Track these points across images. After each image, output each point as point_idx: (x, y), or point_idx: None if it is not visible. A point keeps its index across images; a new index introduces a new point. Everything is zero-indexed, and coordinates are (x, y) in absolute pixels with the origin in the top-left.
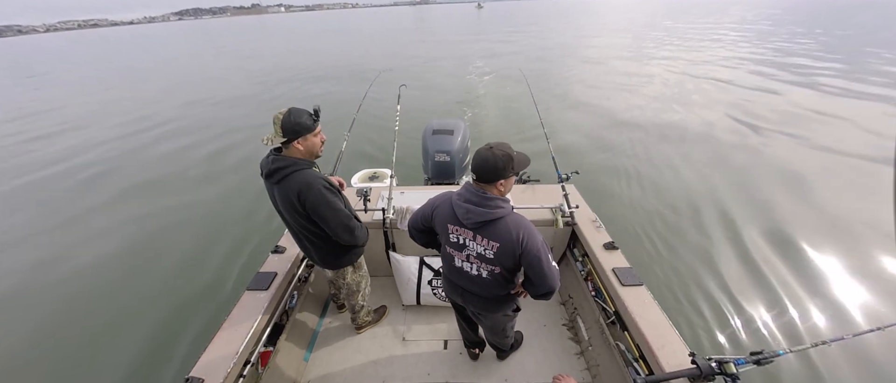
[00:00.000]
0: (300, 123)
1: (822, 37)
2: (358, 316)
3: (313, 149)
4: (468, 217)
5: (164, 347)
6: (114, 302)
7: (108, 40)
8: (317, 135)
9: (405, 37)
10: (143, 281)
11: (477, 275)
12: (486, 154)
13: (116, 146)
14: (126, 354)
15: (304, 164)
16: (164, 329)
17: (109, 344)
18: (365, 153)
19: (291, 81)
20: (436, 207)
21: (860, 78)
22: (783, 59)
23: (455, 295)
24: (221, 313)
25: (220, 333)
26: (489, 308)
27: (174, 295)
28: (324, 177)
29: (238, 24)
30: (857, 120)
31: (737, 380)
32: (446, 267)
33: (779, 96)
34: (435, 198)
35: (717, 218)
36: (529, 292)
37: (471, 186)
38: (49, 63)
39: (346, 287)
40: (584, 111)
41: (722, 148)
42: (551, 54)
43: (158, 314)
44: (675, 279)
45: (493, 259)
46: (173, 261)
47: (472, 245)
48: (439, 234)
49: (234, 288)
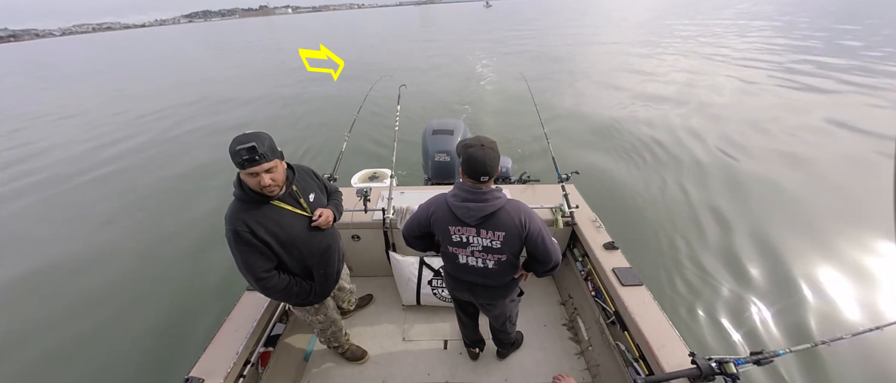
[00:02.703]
0: (232, 152)
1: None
2: (325, 343)
3: (253, 186)
4: (470, 215)
5: (164, 347)
6: (114, 301)
7: (124, 41)
8: (251, 174)
9: (410, 34)
10: (143, 281)
11: (483, 266)
12: (479, 153)
13: (117, 146)
14: (126, 354)
15: (241, 195)
16: (164, 328)
17: (109, 343)
18: (365, 153)
19: (291, 83)
20: (432, 213)
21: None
22: (790, 58)
23: (461, 291)
24: (221, 313)
25: (220, 333)
26: (498, 296)
27: (174, 295)
28: (257, 220)
29: (246, 26)
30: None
31: (737, 380)
32: (450, 265)
33: (790, 97)
34: (428, 204)
35: (718, 218)
36: (535, 271)
37: (464, 185)
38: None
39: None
40: (584, 111)
41: (723, 148)
42: (555, 53)
43: (158, 314)
44: (676, 279)
45: (500, 248)
46: (173, 261)
47: (477, 240)
48: (439, 237)
49: (235, 288)
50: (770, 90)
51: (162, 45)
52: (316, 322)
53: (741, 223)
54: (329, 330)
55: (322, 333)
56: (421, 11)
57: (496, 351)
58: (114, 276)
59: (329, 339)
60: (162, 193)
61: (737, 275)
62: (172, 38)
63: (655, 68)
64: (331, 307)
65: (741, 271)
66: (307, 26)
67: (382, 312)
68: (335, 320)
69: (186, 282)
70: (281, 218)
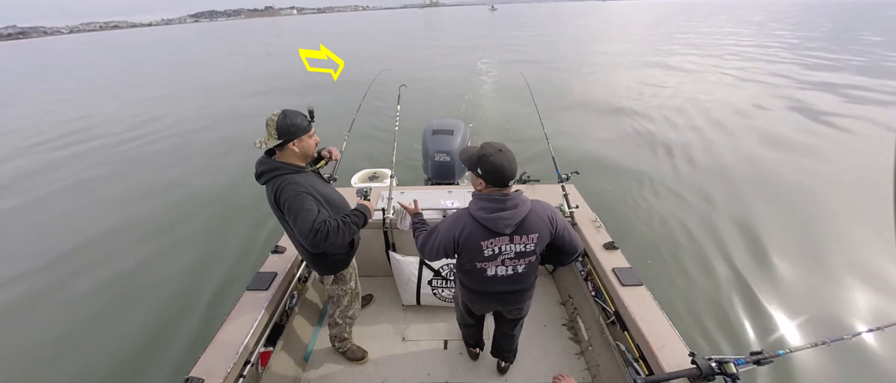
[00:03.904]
0: (295, 124)
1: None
2: (329, 331)
3: (308, 150)
4: (506, 224)
5: (164, 347)
6: (114, 301)
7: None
8: (311, 136)
9: (413, 37)
10: (143, 281)
11: (513, 273)
12: (500, 159)
13: (118, 146)
14: (126, 354)
15: (286, 169)
16: (164, 328)
17: (109, 343)
18: (365, 153)
19: (292, 83)
20: (460, 233)
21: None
22: (786, 60)
23: (487, 304)
24: (221, 313)
25: (220, 333)
26: (526, 297)
27: (174, 294)
28: (307, 182)
29: (252, 26)
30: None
31: (737, 380)
32: (475, 281)
33: (791, 96)
34: (450, 225)
35: (718, 218)
36: (561, 262)
37: (490, 195)
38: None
39: (328, 293)
40: (584, 111)
41: (724, 149)
42: (558, 55)
43: (158, 313)
44: (676, 278)
45: (533, 250)
46: (173, 260)
47: (509, 248)
48: (465, 257)
49: (235, 288)
50: (770, 89)
51: (170, 47)
52: (344, 292)
53: (741, 223)
54: (353, 306)
55: (345, 311)
56: (425, 14)
57: (497, 365)
58: (114, 276)
59: (347, 320)
60: (162, 193)
61: (737, 275)
62: (181, 39)
63: (658, 67)
64: (355, 277)
65: (741, 271)
66: (312, 28)
67: (382, 312)
68: (358, 293)
69: (186, 282)
70: (314, 181)
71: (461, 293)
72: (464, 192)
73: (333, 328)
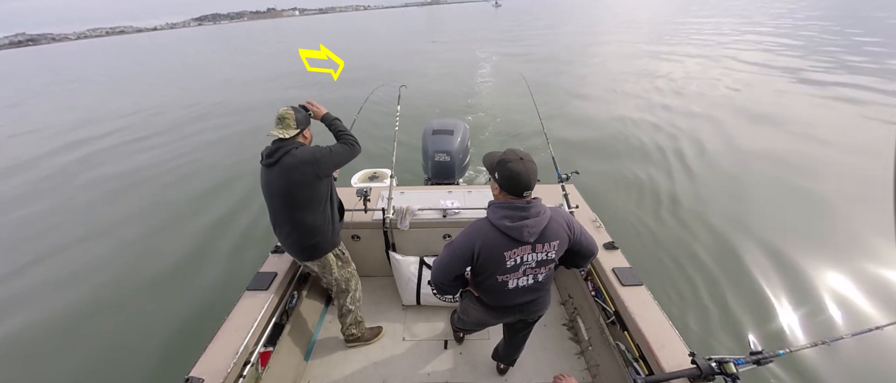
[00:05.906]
0: (307, 116)
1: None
2: (345, 321)
3: (311, 136)
4: (530, 233)
5: (164, 347)
6: (114, 301)
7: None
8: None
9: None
10: (143, 281)
11: (533, 282)
12: (521, 167)
13: (117, 146)
14: (126, 353)
15: (302, 144)
16: (164, 328)
17: (109, 343)
18: (365, 153)
19: (289, 84)
20: (478, 244)
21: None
22: (791, 54)
23: (508, 316)
24: (221, 313)
25: (220, 333)
26: (546, 303)
27: (174, 294)
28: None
29: (255, 28)
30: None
31: (737, 380)
32: (495, 296)
33: (795, 92)
34: (464, 239)
35: (718, 218)
36: (578, 265)
37: (512, 203)
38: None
39: (335, 284)
40: (584, 111)
41: (724, 149)
42: (559, 53)
43: (158, 313)
44: (676, 278)
45: (554, 257)
46: (173, 261)
47: (530, 257)
48: (484, 269)
49: (235, 288)
50: (768, 87)
51: (169, 52)
52: (351, 274)
53: (741, 223)
54: (358, 287)
55: (354, 295)
56: (427, 12)
57: (497, 366)
58: (113, 276)
59: (357, 303)
60: (161, 193)
61: (737, 275)
62: (189, 43)
63: (660, 68)
64: (350, 258)
65: (741, 271)
66: (314, 29)
67: (382, 312)
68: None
69: (186, 282)
70: None
71: (477, 311)
72: (464, 192)
73: (348, 316)
